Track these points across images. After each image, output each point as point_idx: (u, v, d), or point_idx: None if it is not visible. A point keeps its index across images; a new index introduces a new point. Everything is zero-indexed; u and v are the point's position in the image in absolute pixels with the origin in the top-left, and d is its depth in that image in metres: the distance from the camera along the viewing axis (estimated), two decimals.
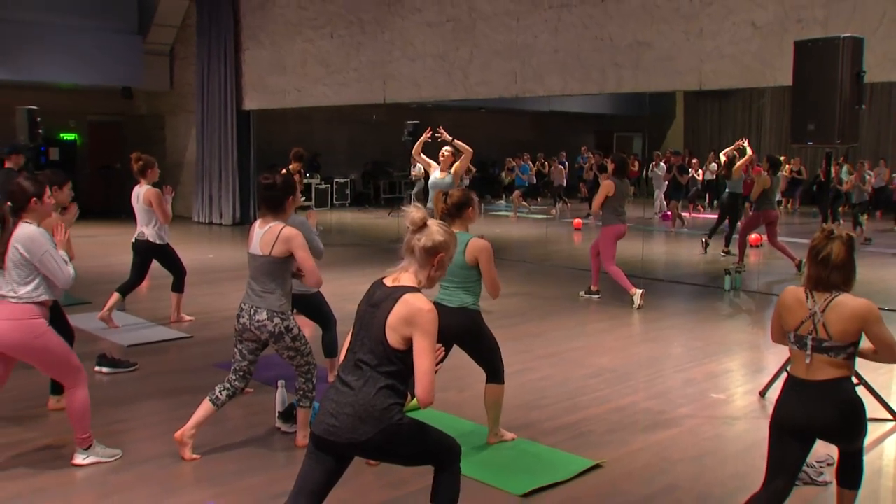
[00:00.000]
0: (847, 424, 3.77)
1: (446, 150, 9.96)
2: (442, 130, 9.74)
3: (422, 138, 10.16)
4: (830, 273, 3.73)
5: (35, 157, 15.36)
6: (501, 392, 5.39)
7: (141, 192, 8.45)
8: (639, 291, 9.95)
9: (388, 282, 3.58)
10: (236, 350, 5.27)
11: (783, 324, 3.93)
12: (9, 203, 4.85)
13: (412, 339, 3.41)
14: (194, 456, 5.16)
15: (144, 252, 8.58)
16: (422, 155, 10.18)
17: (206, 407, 5.19)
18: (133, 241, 8.60)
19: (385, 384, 3.46)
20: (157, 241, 8.53)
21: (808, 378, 3.76)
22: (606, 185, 9.95)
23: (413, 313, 3.41)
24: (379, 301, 3.52)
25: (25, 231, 4.75)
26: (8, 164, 10.74)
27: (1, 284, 4.81)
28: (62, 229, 5.04)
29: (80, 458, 5.02)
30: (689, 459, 5.33)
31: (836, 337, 3.69)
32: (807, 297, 3.80)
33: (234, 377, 5.25)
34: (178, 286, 8.91)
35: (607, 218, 10.05)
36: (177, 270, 8.84)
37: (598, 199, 10.07)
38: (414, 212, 3.59)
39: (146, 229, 8.49)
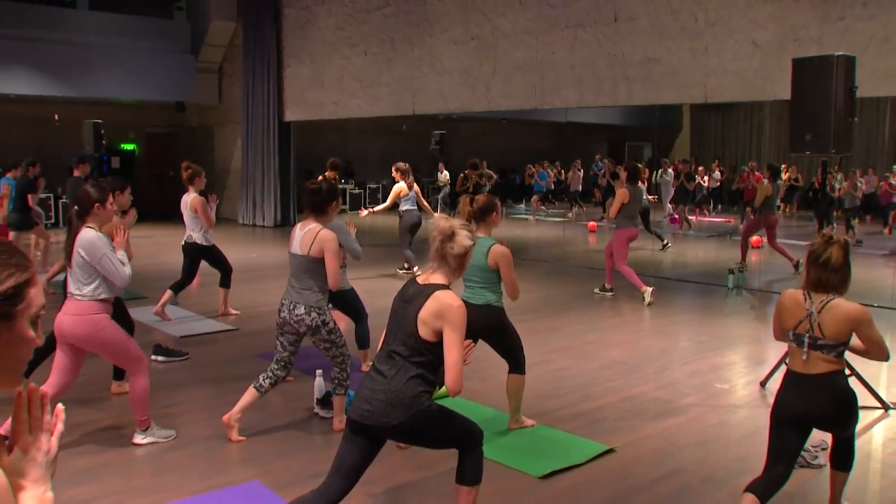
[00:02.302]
0: (841, 414, 3.78)
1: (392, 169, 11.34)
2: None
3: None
4: (829, 275, 3.75)
5: (98, 166, 15.54)
6: (523, 382, 5.40)
7: (188, 200, 8.54)
8: (649, 289, 9.91)
9: (421, 280, 3.62)
10: (278, 342, 5.31)
11: (782, 323, 3.94)
12: (75, 207, 4.93)
13: (442, 332, 3.44)
14: (240, 437, 5.21)
15: (193, 253, 8.68)
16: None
17: (250, 393, 5.24)
18: (183, 243, 8.70)
19: (416, 373, 3.48)
20: (204, 243, 8.63)
21: (806, 372, 3.78)
22: (622, 194, 9.92)
23: (444, 308, 3.43)
24: (411, 297, 3.56)
25: (86, 236, 4.82)
26: (76, 173, 10.88)
27: (70, 283, 4.91)
28: (122, 231, 5.10)
29: (139, 438, 5.09)
30: (695, 445, 5.31)
31: (830, 337, 3.71)
32: (805, 298, 3.81)
33: (276, 367, 5.30)
34: (225, 282, 9.00)
35: (621, 222, 10.03)
36: (223, 268, 8.93)
37: (615, 207, 10.00)
38: (442, 222, 3.63)
39: (194, 233, 8.59)
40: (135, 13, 18.65)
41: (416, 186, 11.48)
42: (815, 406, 3.75)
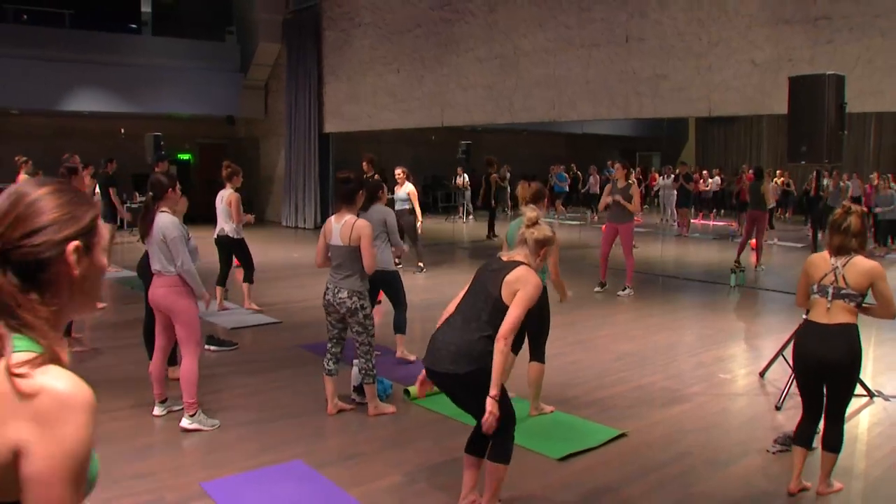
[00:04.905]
0: (853, 361, 3.96)
1: (398, 170, 11.38)
2: None
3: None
4: (850, 239, 4.00)
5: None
6: (542, 371, 5.40)
7: (225, 195, 8.54)
8: (630, 289, 10.10)
9: (505, 258, 3.72)
10: (327, 322, 5.40)
11: (809, 278, 4.14)
12: (150, 193, 5.15)
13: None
14: (350, 406, 5.52)
15: (226, 246, 8.61)
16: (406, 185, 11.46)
17: (328, 381, 5.42)
18: (215, 237, 8.59)
19: (488, 334, 3.52)
20: (235, 236, 8.55)
21: (827, 322, 3.98)
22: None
23: (526, 277, 3.55)
24: (498, 268, 3.65)
25: (166, 220, 5.06)
26: (157, 170, 11.09)
27: (153, 262, 5.12)
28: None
29: (185, 423, 5.08)
30: (700, 430, 5.29)
31: (853, 287, 3.93)
32: (831, 257, 4.05)
33: (329, 344, 5.41)
34: (248, 277, 8.89)
35: (629, 216, 10.03)
36: (247, 264, 8.81)
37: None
38: (529, 212, 3.79)
39: (226, 226, 8.51)
40: (191, 37, 18.87)
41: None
42: (832, 350, 3.93)
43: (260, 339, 7.78)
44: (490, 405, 3.41)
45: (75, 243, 1.35)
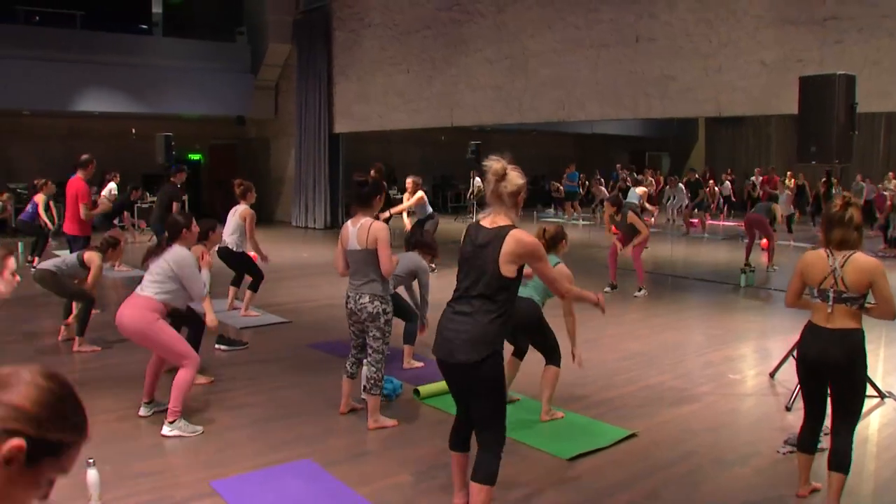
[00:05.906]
0: (854, 361, 3.81)
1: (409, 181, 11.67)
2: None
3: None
4: (852, 232, 3.85)
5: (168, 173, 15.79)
6: (558, 374, 5.36)
7: (239, 209, 8.33)
8: (615, 289, 10.32)
9: (487, 224, 3.52)
10: (350, 331, 5.23)
11: (806, 280, 3.97)
12: (166, 233, 5.17)
13: (520, 266, 3.46)
14: (357, 406, 5.43)
15: (226, 258, 8.34)
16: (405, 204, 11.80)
17: (346, 382, 5.36)
18: (216, 249, 8.09)
19: (497, 314, 3.42)
20: (235, 249, 8.28)
21: (829, 326, 3.85)
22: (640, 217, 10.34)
23: (521, 246, 3.42)
24: (486, 241, 3.46)
25: (180, 252, 5.05)
26: (174, 180, 10.96)
27: (142, 283, 5.05)
28: (208, 255, 5.60)
29: (165, 430, 4.95)
30: (708, 430, 5.26)
31: (852, 288, 3.77)
32: (828, 256, 3.87)
33: (354, 351, 5.29)
34: (254, 286, 8.57)
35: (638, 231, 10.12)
36: (254, 274, 8.52)
37: (646, 214, 10.34)
38: (494, 164, 3.51)
39: (228, 238, 8.24)
40: (202, 38, 18.94)
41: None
42: (832, 354, 3.80)
43: (269, 338, 7.78)
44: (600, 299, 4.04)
45: (19, 442, 1.18)
